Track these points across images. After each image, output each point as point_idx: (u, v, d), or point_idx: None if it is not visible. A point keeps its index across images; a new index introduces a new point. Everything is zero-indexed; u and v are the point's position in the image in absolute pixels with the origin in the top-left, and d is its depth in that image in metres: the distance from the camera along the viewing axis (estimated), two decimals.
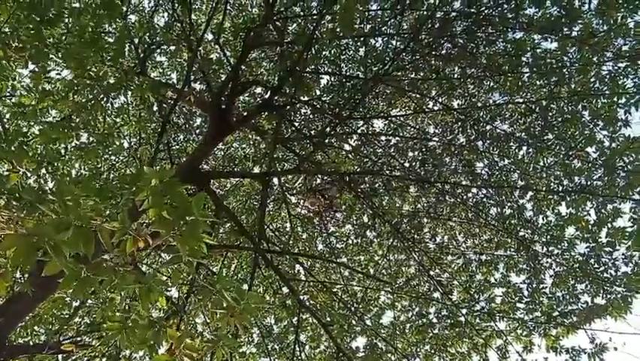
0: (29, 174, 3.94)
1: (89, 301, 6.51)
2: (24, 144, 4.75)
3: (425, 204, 8.36)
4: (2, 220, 1.93)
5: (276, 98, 7.36)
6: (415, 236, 8.36)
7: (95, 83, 5.33)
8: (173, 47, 7.55)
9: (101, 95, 5.69)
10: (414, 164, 8.07)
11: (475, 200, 7.90)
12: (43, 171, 5.23)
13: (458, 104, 7.74)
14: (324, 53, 7.49)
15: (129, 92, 6.38)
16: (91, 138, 6.17)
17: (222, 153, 9.16)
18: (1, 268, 2.00)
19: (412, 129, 8.32)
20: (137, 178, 2.11)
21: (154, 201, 1.98)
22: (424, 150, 8.01)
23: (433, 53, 7.14)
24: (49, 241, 1.53)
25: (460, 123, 7.71)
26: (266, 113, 7.87)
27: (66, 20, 5.21)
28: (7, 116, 5.34)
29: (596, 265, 6.67)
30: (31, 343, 6.11)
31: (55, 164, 5.35)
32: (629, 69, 5.92)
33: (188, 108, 8.25)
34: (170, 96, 7.28)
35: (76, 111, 5.45)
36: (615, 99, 6.03)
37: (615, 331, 6.30)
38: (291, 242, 8.76)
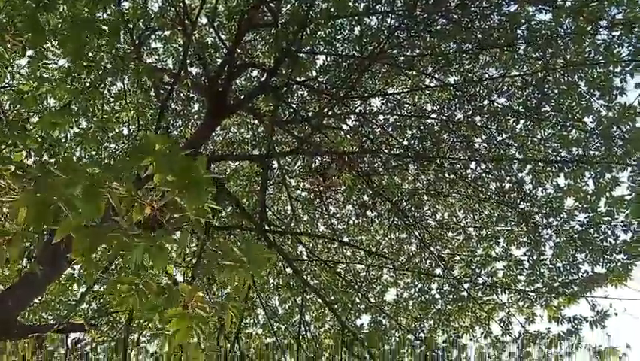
0: (32, 155, 3.98)
1: (96, 286, 6.58)
2: (25, 129, 4.78)
3: (425, 182, 8.40)
4: (12, 188, 1.98)
5: (272, 80, 7.37)
6: (416, 214, 8.41)
7: (92, 68, 5.35)
8: (168, 32, 7.55)
9: (99, 81, 5.72)
10: (412, 142, 8.10)
11: (474, 175, 7.94)
12: (45, 157, 5.27)
13: (455, 80, 7.76)
14: (319, 33, 7.49)
15: (126, 78, 6.41)
16: (90, 125, 6.21)
17: (221, 138, 9.18)
18: (11, 234, 2.04)
19: (410, 107, 8.34)
20: (142, 147, 2.15)
21: (159, 165, 2.02)
22: (422, 127, 8.03)
23: (428, 29, 7.14)
24: (60, 196, 1.57)
25: (457, 99, 7.74)
26: (263, 95, 7.88)
27: (61, 8, 5.21)
28: (7, 104, 5.37)
29: (595, 235, 6.74)
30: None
31: (56, 149, 5.39)
32: (624, 37, 5.94)
33: (186, 93, 8.26)
34: (166, 81, 7.29)
35: (74, 97, 5.48)
36: (611, 68, 6.07)
37: (616, 297, 6.40)
38: (292, 224, 8.81)
